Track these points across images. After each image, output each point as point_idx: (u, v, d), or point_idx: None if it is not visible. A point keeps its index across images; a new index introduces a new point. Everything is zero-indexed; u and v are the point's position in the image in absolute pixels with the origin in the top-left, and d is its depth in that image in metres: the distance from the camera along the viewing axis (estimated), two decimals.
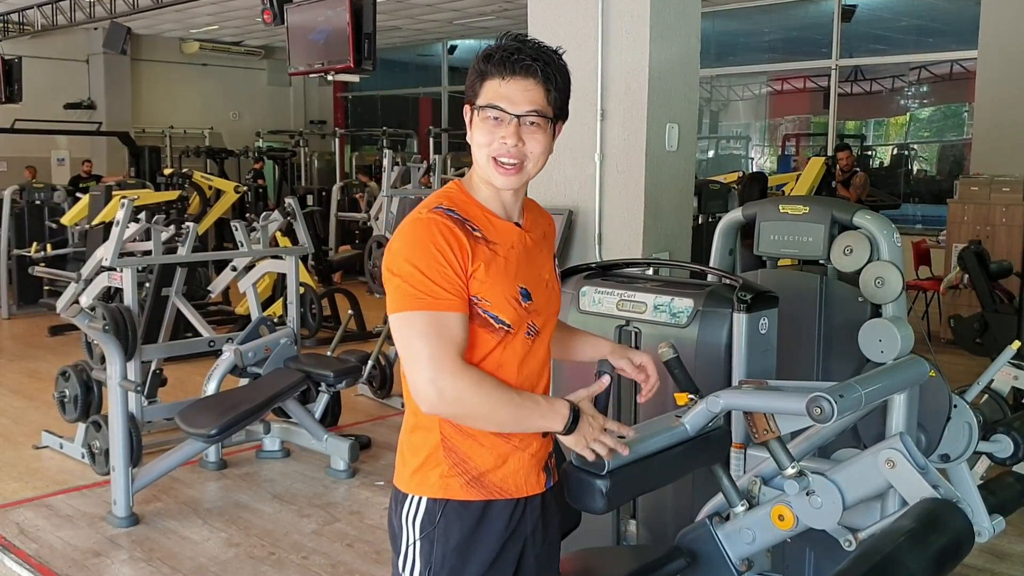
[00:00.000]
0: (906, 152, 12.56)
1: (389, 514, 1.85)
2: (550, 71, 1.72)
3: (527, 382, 1.81)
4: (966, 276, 6.93)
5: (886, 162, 12.73)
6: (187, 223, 5.97)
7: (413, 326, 1.65)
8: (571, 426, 1.70)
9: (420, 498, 1.77)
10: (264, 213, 6.14)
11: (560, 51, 1.77)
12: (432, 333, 1.64)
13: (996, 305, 6.70)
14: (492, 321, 1.72)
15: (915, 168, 12.53)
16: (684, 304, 2.76)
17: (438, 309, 1.65)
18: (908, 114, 12.46)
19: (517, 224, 1.81)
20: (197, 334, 5.86)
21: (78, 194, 9.77)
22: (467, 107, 1.77)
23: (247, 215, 9.16)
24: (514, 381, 1.76)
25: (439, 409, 1.68)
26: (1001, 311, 6.64)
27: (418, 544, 1.77)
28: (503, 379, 1.74)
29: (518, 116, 1.71)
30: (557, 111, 1.75)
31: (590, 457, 1.76)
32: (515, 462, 1.79)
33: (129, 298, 4.92)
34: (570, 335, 2.12)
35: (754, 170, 11.81)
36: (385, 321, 5.56)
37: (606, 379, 1.78)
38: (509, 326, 1.74)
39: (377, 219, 9.72)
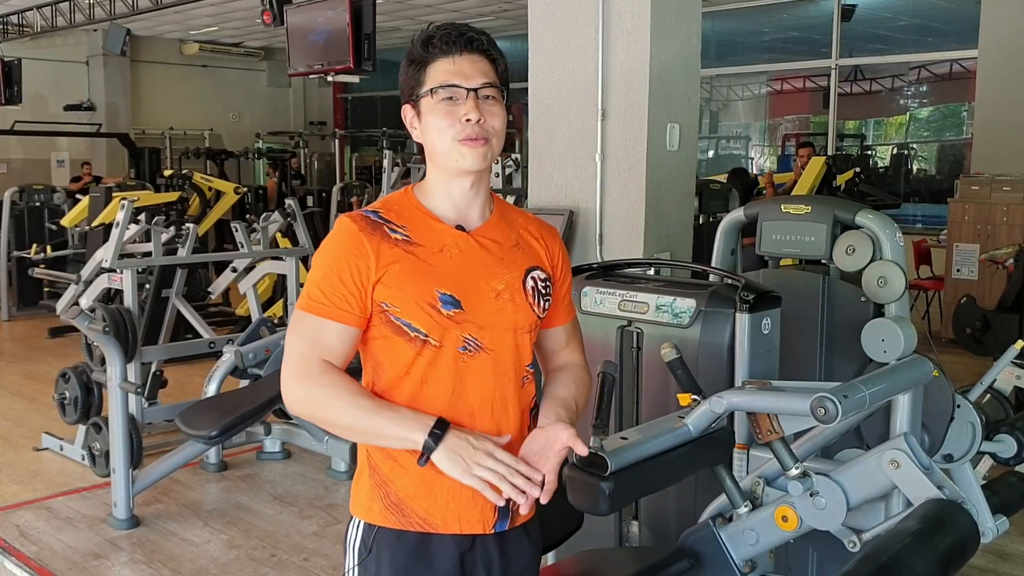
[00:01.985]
0: (906, 152, 12.55)
1: None
2: (493, 47, 1.67)
3: (476, 409, 1.63)
4: (1010, 260, 6.89)
5: (886, 162, 12.72)
6: (187, 224, 5.97)
7: (294, 323, 1.65)
8: (432, 444, 1.53)
9: (359, 521, 1.69)
10: (264, 214, 6.14)
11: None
12: (303, 334, 1.63)
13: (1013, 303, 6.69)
14: (406, 329, 1.61)
15: (915, 167, 12.52)
16: (686, 304, 2.75)
17: (315, 314, 1.62)
18: (908, 114, 12.45)
19: (460, 227, 1.67)
20: (197, 335, 5.86)
21: (78, 196, 9.77)
22: (407, 108, 1.68)
23: (247, 216, 9.16)
24: (445, 403, 1.62)
25: (293, 408, 1.64)
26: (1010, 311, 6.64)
27: (356, 571, 1.67)
28: (430, 397, 1.62)
29: (475, 90, 1.62)
30: (505, 88, 1.68)
31: (480, 488, 1.55)
32: (445, 494, 1.62)
33: (129, 299, 4.92)
34: (548, 394, 1.77)
35: (755, 171, 11.85)
36: None
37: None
38: (426, 335, 1.61)
39: None
